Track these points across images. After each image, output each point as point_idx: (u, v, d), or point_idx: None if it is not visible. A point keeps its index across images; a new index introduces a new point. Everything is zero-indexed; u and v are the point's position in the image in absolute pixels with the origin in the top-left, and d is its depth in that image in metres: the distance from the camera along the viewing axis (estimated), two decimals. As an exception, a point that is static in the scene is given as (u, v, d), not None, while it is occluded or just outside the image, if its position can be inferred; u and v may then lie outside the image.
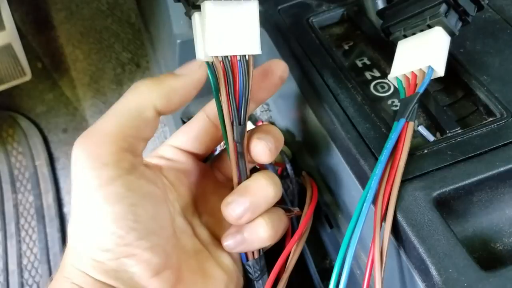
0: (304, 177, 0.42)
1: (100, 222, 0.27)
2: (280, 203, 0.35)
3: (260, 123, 0.51)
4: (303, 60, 0.40)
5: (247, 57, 0.30)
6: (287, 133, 0.49)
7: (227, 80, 0.30)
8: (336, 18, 0.44)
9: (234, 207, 0.31)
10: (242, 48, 0.30)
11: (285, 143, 0.47)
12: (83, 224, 0.27)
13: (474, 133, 0.32)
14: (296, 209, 0.38)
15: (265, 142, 0.32)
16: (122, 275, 0.27)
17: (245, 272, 0.35)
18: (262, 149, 0.32)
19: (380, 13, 0.39)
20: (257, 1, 0.30)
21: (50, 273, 0.66)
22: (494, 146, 0.31)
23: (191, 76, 0.30)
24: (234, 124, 0.31)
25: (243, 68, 0.30)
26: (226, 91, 0.30)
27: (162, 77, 0.30)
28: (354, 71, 0.39)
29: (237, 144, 0.31)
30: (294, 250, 0.35)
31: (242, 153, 0.32)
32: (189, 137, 0.35)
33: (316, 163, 0.43)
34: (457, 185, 0.29)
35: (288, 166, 0.42)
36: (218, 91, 0.30)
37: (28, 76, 0.73)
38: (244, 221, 0.31)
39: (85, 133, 0.28)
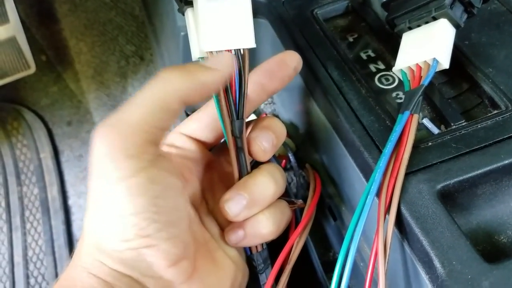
0: (307, 169, 0.42)
1: (121, 214, 0.26)
2: (284, 195, 0.35)
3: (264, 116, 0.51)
4: (307, 52, 0.40)
5: (241, 51, 0.30)
6: (291, 126, 0.49)
7: None
8: (340, 10, 0.44)
9: (230, 205, 0.31)
10: (237, 42, 0.30)
11: (289, 135, 0.47)
12: (102, 216, 0.27)
13: (479, 126, 0.32)
14: (300, 201, 0.38)
15: (260, 142, 0.32)
16: (139, 265, 0.27)
17: (250, 264, 0.35)
18: (256, 150, 0.32)
19: (385, 4, 0.39)
20: None
21: (55, 265, 0.66)
22: (499, 139, 0.31)
23: (223, 70, 0.29)
24: (232, 118, 0.31)
25: (238, 62, 0.30)
26: (222, 86, 0.30)
27: (192, 68, 0.28)
28: (359, 63, 0.39)
29: (236, 138, 0.31)
30: (297, 242, 0.35)
31: (241, 147, 0.32)
32: (199, 124, 0.34)
33: (320, 156, 0.43)
34: (461, 178, 0.29)
35: (292, 159, 0.42)
36: None
37: (32, 69, 0.73)
38: (242, 218, 0.31)
39: (108, 123, 0.26)
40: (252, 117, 0.48)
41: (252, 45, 0.31)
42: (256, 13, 0.47)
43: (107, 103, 0.80)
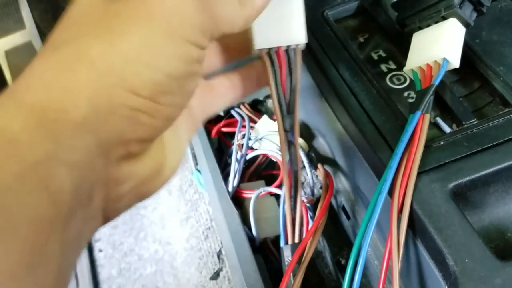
0: (320, 169, 0.42)
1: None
2: (296, 193, 0.35)
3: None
4: (318, 53, 0.40)
5: (293, 46, 0.29)
6: (303, 126, 0.49)
7: (274, 72, 0.29)
8: (351, 10, 0.44)
9: None
10: (288, 38, 0.29)
11: (301, 135, 0.48)
12: None
13: (490, 124, 0.32)
14: (310, 198, 0.38)
15: None
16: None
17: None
18: None
19: (395, 5, 0.39)
20: None
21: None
22: (511, 137, 0.31)
23: None
24: (283, 114, 0.31)
25: (290, 59, 0.29)
26: (274, 82, 0.29)
27: None
28: (370, 63, 0.39)
29: (287, 133, 0.31)
30: (310, 241, 0.36)
31: (292, 142, 0.32)
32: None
33: (332, 155, 0.43)
34: (473, 176, 0.30)
35: (305, 159, 0.42)
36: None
37: (48, 73, 0.74)
38: None
39: None
40: (266, 118, 0.48)
41: (304, 41, 0.29)
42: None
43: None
